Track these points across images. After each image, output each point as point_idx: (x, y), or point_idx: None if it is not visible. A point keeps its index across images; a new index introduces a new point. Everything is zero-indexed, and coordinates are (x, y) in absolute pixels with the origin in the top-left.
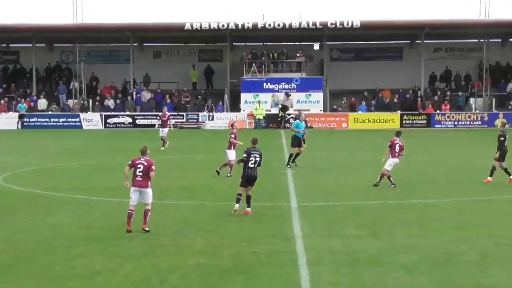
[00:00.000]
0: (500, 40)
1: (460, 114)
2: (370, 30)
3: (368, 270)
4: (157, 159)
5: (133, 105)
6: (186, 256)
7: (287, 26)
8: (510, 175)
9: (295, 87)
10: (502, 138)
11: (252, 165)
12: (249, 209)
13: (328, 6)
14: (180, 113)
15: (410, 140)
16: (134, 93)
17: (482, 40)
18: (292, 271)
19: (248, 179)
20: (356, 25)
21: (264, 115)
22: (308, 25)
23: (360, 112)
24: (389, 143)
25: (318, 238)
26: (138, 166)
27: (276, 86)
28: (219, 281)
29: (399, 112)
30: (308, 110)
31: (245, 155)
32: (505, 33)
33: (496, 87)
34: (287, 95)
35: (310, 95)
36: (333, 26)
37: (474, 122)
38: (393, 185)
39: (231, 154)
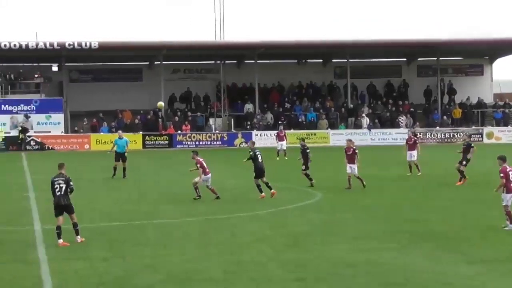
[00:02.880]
0: (236, 61)
1: (201, 134)
2: (108, 51)
3: None
4: None
5: None
6: None
7: (23, 46)
8: (271, 189)
9: (34, 108)
10: (251, 153)
11: (59, 193)
12: (78, 237)
13: (66, 26)
14: None
15: (153, 161)
16: None
17: (219, 61)
18: None
19: (60, 208)
20: (94, 46)
21: (3, 137)
22: (45, 45)
23: (102, 133)
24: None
25: (64, 261)
26: None
27: (14, 108)
28: None
29: (141, 133)
30: (49, 132)
31: (50, 185)
32: (240, 55)
33: (234, 108)
34: (27, 116)
35: (50, 116)
36: (71, 47)
37: (215, 142)
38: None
39: None
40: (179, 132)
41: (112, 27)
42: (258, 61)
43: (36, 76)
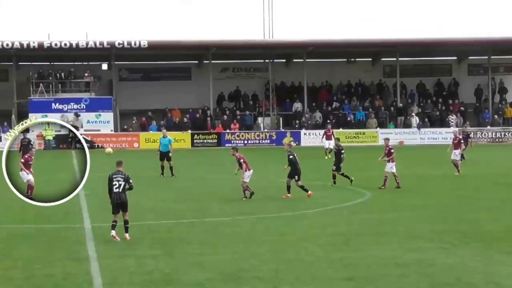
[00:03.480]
0: (284, 60)
1: (249, 133)
2: (157, 50)
3: None
4: None
5: None
6: None
7: (74, 45)
8: (307, 191)
9: (84, 107)
10: (291, 157)
11: (117, 190)
12: (127, 235)
13: (116, 26)
14: None
15: (202, 160)
16: None
17: (268, 60)
18: None
19: (117, 205)
20: (144, 45)
21: (54, 135)
22: (95, 44)
23: (151, 131)
24: None
25: (113, 259)
26: None
27: (65, 106)
28: None
29: (189, 131)
30: (99, 130)
31: (107, 181)
32: (288, 54)
33: (283, 107)
34: (77, 115)
35: (100, 115)
36: (121, 46)
37: (263, 141)
38: None
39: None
40: (228, 131)
41: (161, 26)
42: (307, 60)
43: (86, 75)
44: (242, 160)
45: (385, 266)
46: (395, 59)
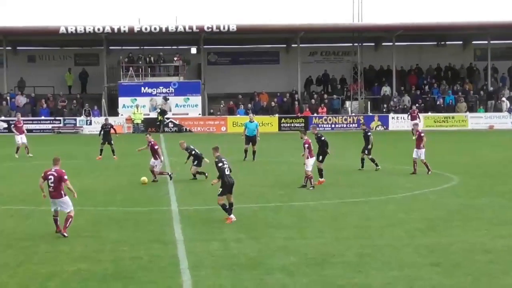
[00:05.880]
0: (373, 44)
1: (337, 117)
2: (246, 34)
3: (248, 273)
4: (29, 165)
5: (9, 110)
6: (65, 262)
7: (163, 30)
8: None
9: (173, 91)
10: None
11: (228, 172)
12: (233, 216)
13: (205, 10)
14: (57, 118)
15: (289, 144)
16: (8, 97)
17: (356, 44)
18: (173, 275)
19: (231, 187)
20: (232, 29)
21: (142, 119)
22: (184, 29)
23: (238, 115)
24: None
25: (199, 242)
26: (49, 177)
27: (154, 90)
28: (99, 287)
29: (277, 115)
30: (187, 114)
31: (220, 164)
32: (377, 37)
33: (371, 90)
34: (165, 99)
35: (188, 99)
36: (210, 30)
37: (351, 125)
38: None
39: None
40: (315, 114)
41: (248, 10)
42: (396, 43)
43: (175, 59)
44: (307, 146)
45: (472, 252)
46: (486, 42)
